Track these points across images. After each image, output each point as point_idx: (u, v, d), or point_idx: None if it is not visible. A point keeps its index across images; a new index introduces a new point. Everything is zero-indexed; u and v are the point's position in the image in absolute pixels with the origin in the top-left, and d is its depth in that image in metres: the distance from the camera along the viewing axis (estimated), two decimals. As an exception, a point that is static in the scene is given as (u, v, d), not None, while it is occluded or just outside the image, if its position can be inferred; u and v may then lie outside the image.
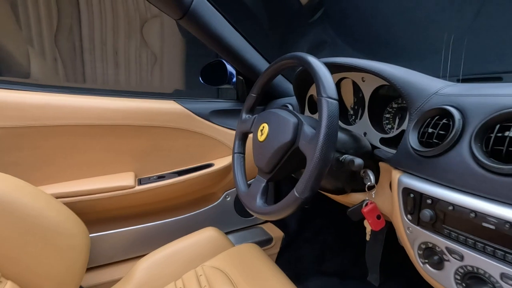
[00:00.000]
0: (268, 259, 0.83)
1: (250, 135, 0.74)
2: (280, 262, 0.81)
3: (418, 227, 0.51)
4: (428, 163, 0.50)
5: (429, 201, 0.48)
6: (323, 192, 0.78)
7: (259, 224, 1.24)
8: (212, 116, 1.03)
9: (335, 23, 1.19)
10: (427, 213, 0.48)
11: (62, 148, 0.84)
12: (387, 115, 0.71)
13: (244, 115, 0.77)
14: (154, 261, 0.84)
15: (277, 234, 1.20)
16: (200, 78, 1.09)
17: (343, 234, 1.24)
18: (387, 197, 0.64)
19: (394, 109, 0.70)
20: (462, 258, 0.44)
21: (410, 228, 0.53)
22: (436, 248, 0.48)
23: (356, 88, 0.77)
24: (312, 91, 0.88)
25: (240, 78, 1.07)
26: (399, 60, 0.96)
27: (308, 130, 0.55)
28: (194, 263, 0.83)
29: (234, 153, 0.77)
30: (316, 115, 0.86)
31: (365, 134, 0.72)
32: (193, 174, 0.99)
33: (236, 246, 0.88)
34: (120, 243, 0.96)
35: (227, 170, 1.06)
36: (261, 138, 0.65)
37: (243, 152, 0.77)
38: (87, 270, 0.81)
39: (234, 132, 1.03)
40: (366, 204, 0.65)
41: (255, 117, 0.72)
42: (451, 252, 0.46)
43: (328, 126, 0.49)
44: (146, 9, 1.37)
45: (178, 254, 0.86)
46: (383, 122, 0.72)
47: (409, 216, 0.53)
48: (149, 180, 0.95)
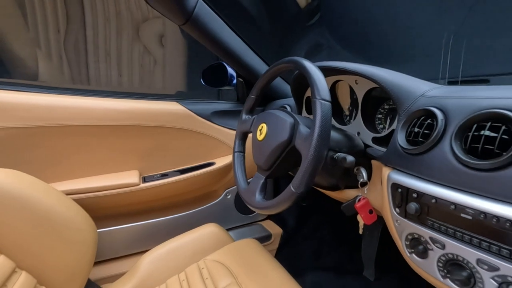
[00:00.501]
0: (267, 254, 0.87)
1: (250, 135, 0.78)
2: (279, 258, 0.85)
3: (405, 220, 0.55)
4: (414, 160, 0.53)
5: (414, 195, 0.52)
6: (318, 188, 0.82)
7: (259, 221, 1.28)
8: (213, 116, 1.07)
9: (331, 27, 1.24)
10: (413, 206, 0.52)
11: (71, 147, 0.88)
12: (379, 116, 0.75)
13: (244, 116, 0.81)
14: (158, 255, 0.87)
15: (276, 231, 1.23)
16: (201, 80, 1.13)
17: (340, 230, 1.28)
18: (378, 193, 0.67)
19: (386, 110, 0.74)
20: (443, 246, 0.48)
21: (398, 221, 0.57)
22: (421, 238, 0.52)
23: (351, 90, 0.81)
24: (309, 93, 0.92)
25: (240, 80, 1.11)
26: (391, 62, 1.01)
27: (303, 129, 0.59)
28: (196, 257, 0.87)
29: (234, 152, 0.80)
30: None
31: (358, 133, 0.76)
32: (195, 173, 1.03)
33: (237, 241, 0.92)
34: (126, 238, 1.00)
35: (228, 169, 1.09)
36: (260, 137, 0.69)
37: (243, 151, 0.81)
38: (94, 264, 0.84)
39: (234, 132, 1.07)
40: (359, 200, 0.69)
41: (254, 117, 0.76)
42: (434, 241, 0.49)
43: (321, 126, 0.52)
44: (149, 13, 1.41)
45: (181, 248, 0.90)
46: (376, 122, 0.76)
47: (397, 209, 0.56)
48: (153, 178, 0.99)
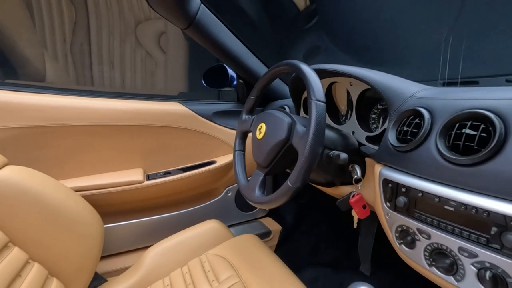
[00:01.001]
0: (266, 248, 0.91)
1: (250, 134, 0.81)
2: (278, 254, 0.88)
3: (395, 213, 0.59)
4: (403, 157, 0.57)
5: (403, 189, 0.56)
6: (315, 185, 0.85)
7: (258, 218, 1.31)
8: (214, 116, 1.11)
9: (328, 30, 1.28)
10: (401, 199, 0.55)
11: (78, 146, 0.92)
12: (373, 116, 0.79)
13: (244, 116, 0.84)
14: (162, 250, 0.91)
15: (275, 228, 1.27)
16: (202, 81, 1.17)
17: (337, 227, 1.31)
18: (372, 189, 0.71)
19: (379, 110, 0.78)
20: (429, 237, 0.52)
21: (389, 214, 0.60)
22: (409, 230, 0.56)
23: (347, 92, 0.85)
24: (306, 94, 0.95)
25: (241, 81, 1.15)
26: (385, 64, 1.04)
27: (300, 128, 0.63)
28: (198, 252, 0.90)
29: (235, 150, 0.84)
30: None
31: (353, 132, 0.80)
32: (197, 171, 1.07)
33: (237, 236, 0.95)
34: (130, 233, 1.03)
35: (229, 167, 1.13)
36: (259, 136, 0.72)
37: (243, 149, 0.84)
38: (100, 258, 0.88)
39: (235, 131, 1.11)
40: (353, 195, 0.72)
41: (254, 117, 0.80)
42: (421, 232, 0.53)
43: (316, 125, 0.56)
44: (151, 14, 1.45)
45: (184, 243, 0.93)
46: (369, 122, 0.80)
47: (388, 203, 0.60)
48: (156, 176, 1.03)
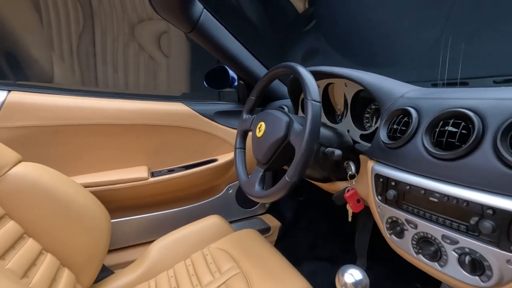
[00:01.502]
0: (266, 242, 0.94)
1: (250, 133, 0.86)
2: (278, 249, 0.92)
3: (385, 205, 0.63)
4: (393, 153, 0.61)
5: (393, 183, 0.60)
6: (312, 181, 0.89)
7: (258, 215, 1.35)
8: (216, 116, 1.15)
9: (326, 33, 1.32)
10: (391, 193, 0.59)
11: (87, 144, 0.96)
12: (367, 115, 0.83)
13: (245, 115, 0.89)
14: (166, 243, 0.95)
15: (274, 224, 1.31)
16: (204, 83, 1.21)
17: (334, 223, 1.35)
18: (365, 184, 0.75)
19: (372, 110, 0.82)
20: (416, 226, 0.56)
21: (380, 207, 0.64)
22: (399, 220, 0.60)
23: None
24: None
25: (241, 82, 1.19)
26: (379, 65, 1.09)
27: (297, 126, 0.67)
28: (201, 245, 0.94)
29: (236, 148, 0.88)
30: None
31: (348, 131, 0.84)
32: (199, 168, 1.11)
33: (238, 231, 0.99)
34: (135, 228, 1.07)
35: (229, 165, 1.17)
36: (259, 134, 0.76)
37: (243, 147, 0.89)
38: (107, 252, 0.92)
39: (235, 130, 1.15)
40: (348, 190, 0.76)
41: (254, 117, 0.84)
42: (409, 222, 0.57)
43: (312, 123, 0.60)
44: (153, 15, 1.51)
45: (186, 237, 0.97)
46: (364, 121, 0.84)
47: (379, 196, 0.64)
48: (160, 173, 1.07)
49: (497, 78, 0.84)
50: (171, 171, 1.09)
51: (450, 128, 0.51)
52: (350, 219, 0.80)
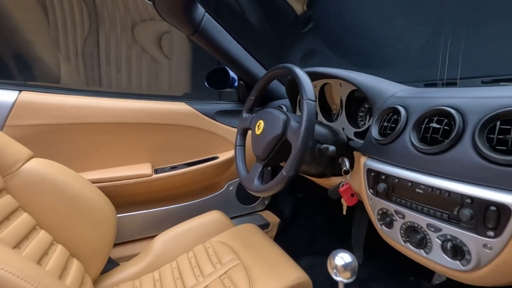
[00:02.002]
0: (265, 236, 0.98)
1: (250, 132, 0.89)
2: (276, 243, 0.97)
3: (377, 198, 0.67)
4: (384, 149, 0.65)
5: (383, 177, 0.64)
6: (309, 177, 0.94)
7: (258, 211, 1.39)
8: (217, 115, 1.19)
9: (323, 34, 1.36)
10: (382, 186, 0.63)
11: (94, 142, 1.00)
12: (361, 114, 0.87)
13: (245, 114, 0.93)
14: (169, 237, 0.99)
15: (273, 220, 1.35)
16: (205, 83, 1.25)
17: (331, 219, 1.39)
18: (359, 178, 0.79)
19: (366, 108, 0.86)
20: (404, 216, 0.60)
21: (372, 199, 0.68)
22: (388, 212, 0.64)
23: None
24: None
25: (241, 83, 1.23)
26: (373, 66, 1.13)
27: (293, 124, 0.71)
28: (203, 239, 0.98)
29: (236, 146, 0.92)
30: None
31: (343, 129, 0.88)
32: (200, 165, 1.15)
33: (238, 226, 1.03)
34: (139, 223, 1.11)
35: (230, 162, 1.21)
36: (258, 132, 0.80)
37: (243, 145, 0.93)
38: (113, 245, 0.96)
39: (236, 129, 1.19)
40: (343, 185, 0.80)
41: (253, 115, 0.88)
42: (397, 213, 0.61)
43: (307, 121, 0.64)
44: (159, 26, 1.56)
45: (189, 231, 1.01)
46: (358, 119, 0.88)
47: (371, 190, 0.68)
48: (163, 170, 1.11)
49: (485, 79, 0.88)
50: (173, 168, 1.13)
51: (434, 125, 0.56)
52: (344, 212, 0.84)
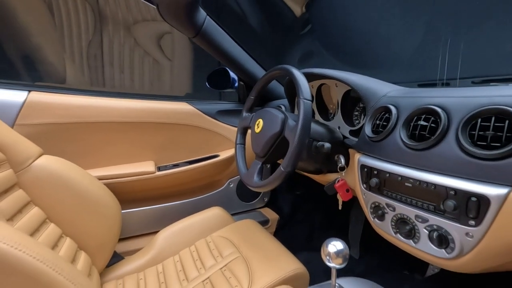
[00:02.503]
0: (264, 231, 1.02)
1: (249, 131, 0.93)
2: (275, 240, 1.01)
3: (369, 192, 0.70)
4: (376, 146, 0.69)
5: (375, 172, 0.68)
6: (306, 173, 0.97)
7: (258, 208, 1.43)
8: (218, 115, 1.23)
9: (320, 37, 1.40)
10: (374, 180, 0.67)
11: (99, 140, 1.04)
12: (356, 113, 0.91)
13: (245, 114, 0.96)
14: (171, 232, 1.02)
15: (273, 217, 1.39)
16: (206, 83, 1.29)
17: (329, 216, 1.43)
18: (353, 175, 0.83)
19: (361, 108, 0.90)
20: (394, 209, 0.64)
21: (365, 194, 0.72)
22: (380, 205, 0.67)
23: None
24: None
25: (242, 83, 1.27)
26: (368, 67, 1.17)
27: (291, 122, 0.75)
28: (204, 234, 1.02)
29: (236, 144, 0.96)
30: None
31: (339, 127, 0.92)
32: (202, 163, 1.19)
33: (238, 221, 1.07)
34: (143, 219, 1.15)
35: (230, 161, 1.25)
36: (257, 130, 0.84)
37: (243, 143, 0.96)
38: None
39: (236, 128, 1.23)
40: (338, 181, 0.84)
41: (253, 115, 0.92)
42: (388, 206, 0.65)
43: (303, 119, 0.68)
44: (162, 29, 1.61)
45: (191, 227, 1.04)
46: (353, 118, 0.92)
47: (364, 184, 0.72)
48: (166, 167, 1.15)
49: (475, 79, 0.91)
50: (176, 165, 1.17)
51: (422, 123, 0.59)
52: (340, 207, 0.88)
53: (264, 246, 0.92)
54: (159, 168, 1.14)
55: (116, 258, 0.97)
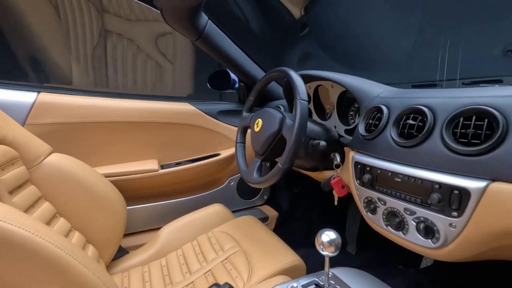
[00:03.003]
0: (264, 226, 1.06)
1: (249, 130, 0.97)
2: (275, 236, 1.05)
3: (362, 187, 0.74)
4: (369, 144, 0.73)
5: (368, 168, 0.72)
6: (304, 171, 1.01)
7: (258, 206, 1.47)
8: (219, 115, 1.27)
9: (318, 39, 1.44)
10: (367, 176, 0.71)
11: (105, 140, 1.08)
12: (351, 113, 0.95)
13: (245, 113, 1.00)
14: (174, 228, 1.06)
15: (272, 214, 1.42)
16: (207, 84, 1.33)
17: (327, 213, 1.47)
18: (348, 172, 0.87)
19: (356, 108, 0.94)
20: (385, 203, 0.67)
21: (359, 189, 0.76)
22: (372, 199, 0.71)
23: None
24: None
25: (242, 84, 1.31)
26: (363, 69, 1.21)
27: (288, 122, 0.79)
28: (206, 230, 1.06)
29: (236, 142, 1.00)
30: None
31: (335, 127, 0.96)
32: (203, 162, 1.23)
33: (239, 217, 1.11)
34: (147, 215, 1.19)
35: (231, 159, 1.29)
36: (256, 129, 0.88)
37: (243, 142, 1.00)
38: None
39: (236, 128, 1.27)
40: (334, 178, 0.88)
41: (253, 114, 0.96)
42: (380, 200, 0.69)
43: (300, 118, 0.72)
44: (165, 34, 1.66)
45: (193, 223, 1.08)
46: (348, 118, 0.96)
47: (357, 180, 0.76)
48: (169, 165, 1.19)
49: (465, 80, 0.95)
50: (178, 164, 1.21)
51: (410, 121, 0.63)
52: (336, 203, 0.92)
53: (264, 241, 0.96)
54: (162, 166, 1.18)
55: (122, 252, 1.01)
